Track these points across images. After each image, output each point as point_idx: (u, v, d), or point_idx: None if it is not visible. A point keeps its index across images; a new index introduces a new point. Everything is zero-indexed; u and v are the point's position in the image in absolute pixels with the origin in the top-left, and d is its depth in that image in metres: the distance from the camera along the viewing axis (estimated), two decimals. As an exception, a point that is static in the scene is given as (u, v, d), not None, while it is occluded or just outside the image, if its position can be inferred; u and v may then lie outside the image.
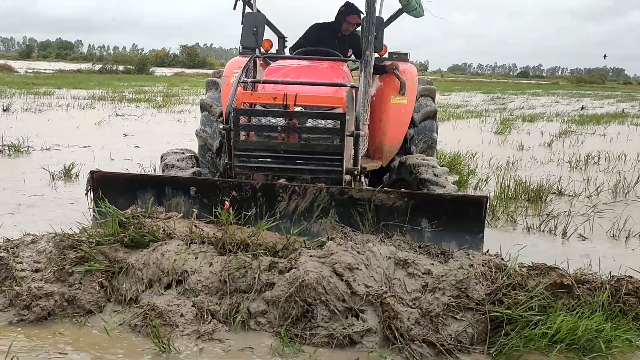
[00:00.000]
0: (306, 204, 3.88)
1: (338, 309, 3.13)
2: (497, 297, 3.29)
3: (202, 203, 3.90)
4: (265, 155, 4.10)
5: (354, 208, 3.87)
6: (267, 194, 3.89)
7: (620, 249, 5.02)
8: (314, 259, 3.28)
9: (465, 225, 3.85)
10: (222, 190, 3.90)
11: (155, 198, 3.95)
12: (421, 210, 3.88)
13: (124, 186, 4.01)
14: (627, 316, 3.33)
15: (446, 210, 3.86)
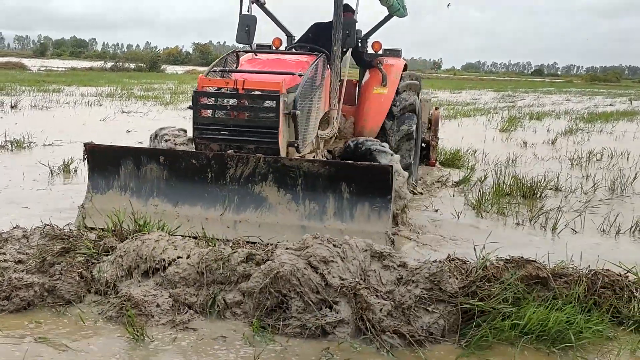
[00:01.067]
0: (249, 171, 4.56)
1: (312, 300, 3.18)
2: (471, 289, 3.32)
3: (172, 170, 4.66)
4: (218, 129, 4.80)
5: (287, 175, 4.51)
6: (219, 162, 4.58)
7: (609, 243, 5.01)
8: (290, 252, 3.33)
9: (376, 189, 4.43)
10: (184, 159, 4.63)
11: (134, 166, 4.69)
12: (341, 177, 4.49)
13: (110, 156, 4.75)
14: (601, 308, 3.35)
15: (360, 177, 4.47)
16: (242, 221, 4.50)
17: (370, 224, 4.41)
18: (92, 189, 4.72)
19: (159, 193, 4.64)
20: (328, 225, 4.41)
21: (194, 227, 4.22)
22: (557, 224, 5.31)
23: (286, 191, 4.55)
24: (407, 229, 5.05)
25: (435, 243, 4.80)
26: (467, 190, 6.78)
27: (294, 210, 4.51)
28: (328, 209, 4.49)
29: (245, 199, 4.55)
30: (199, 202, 4.57)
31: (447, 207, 5.91)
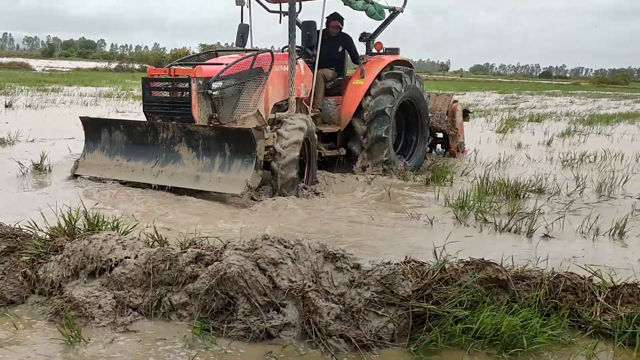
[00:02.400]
0: (171, 135, 6.10)
1: (259, 302, 3.09)
2: (426, 292, 3.23)
3: (129, 135, 6.34)
4: (159, 105, 6.33)
5: (193, 137, 5.99)
6: (153, 128, 6.18)
7: (585, 246, 4.89)
8: (239, 253, 3.25)
9: (244, 148, 5.75)
10: (134, 127, 6.33)
11: (108, 132, 6.43)
12: (224, 139, 5.87)
13: (96, 125, 6.58)
14: (559, 312, 3.24)
15: (235, 138, 5.83)
16: (162, 171, 6.06)
17: (240, 173, 5.73)
18: (86, 149, 6.58)
19: (120, 152, 6.39)
20: (213, 174, 5.85)
21: (135, 176, 6.09)
22: (534, 227, 5.18)
23: (192, 149, 6.04)
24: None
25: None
26: (446, 188, 6.68)
27: (196, 163, 5.97)
28: (216, 163, 5.90)
29: (168, 155, 6.12)
30: (141, 158, 6.23)
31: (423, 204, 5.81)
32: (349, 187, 6.83)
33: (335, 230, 5.03)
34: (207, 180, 5.83)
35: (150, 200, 5.60)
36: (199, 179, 5.85)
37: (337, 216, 5.52)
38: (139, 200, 5.58)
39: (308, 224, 5.21)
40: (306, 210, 5.65)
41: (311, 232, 4.91)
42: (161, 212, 5.25)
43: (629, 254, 4.65)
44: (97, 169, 6.38)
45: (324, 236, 4.76)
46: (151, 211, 5.23)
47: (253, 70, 6.51)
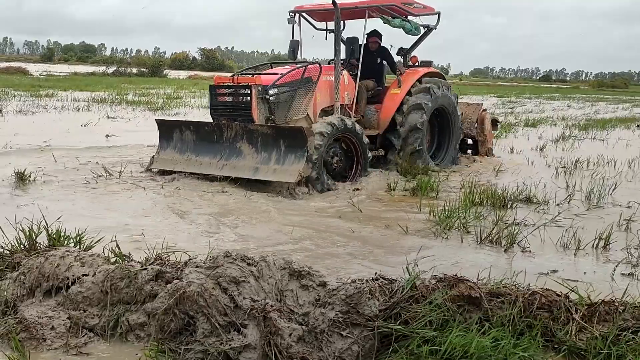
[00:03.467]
0: (234, 133, 7.07)
1: (219, 323, 2.97)
2: (394, 311, 3.11)
3: (197, 135, 7.33)
4: (224, 108, 7.41)
5: (252, 135, 6.93)
6: (219, 128, 7.17)
7: (568, 260, 4.77)
8: (200, 271, 3.13)
9: (297, 144, 6.67)
10: (202, 127, 7.32)
11: (179, 132, 7.43)
12: (280, 136, 6.78)
13: (169, 126, 7.58)
14: (532, 331, 3.12)
15: (289, 136, 6.74)
16: (226, 165, 7.01)
17: (293, 165, 6.63)
18: (160, 147, 7.59)
19: (190, 149, 7.37)
20: (270, 166, 6.77)
21: (203, 169, 7.07)
22: (516, 239, 5.05)
23: (252, 145, 6.96)
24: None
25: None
26: (432, 199, 6.56)
27: (255, 157, 6.90)
28: (272, 157, 6.81)
29: (232, 150, 7.07)
30: (208, 154, 7.18)
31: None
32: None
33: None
34: (265, 171, 6.79)
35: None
36: (257, 170, 6.82)
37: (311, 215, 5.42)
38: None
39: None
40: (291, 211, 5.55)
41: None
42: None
43: (610, 268, 4.52)
44: (169, 164, 7.38)
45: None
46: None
47: (304, 79, 7.55)
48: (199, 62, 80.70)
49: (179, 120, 8.27)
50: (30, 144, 9.07)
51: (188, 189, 6.59)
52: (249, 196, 6.37)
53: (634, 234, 5.40)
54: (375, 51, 8.85)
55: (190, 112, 16.41)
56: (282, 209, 6.01)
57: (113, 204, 5.83)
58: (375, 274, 3.40)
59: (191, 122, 7.62)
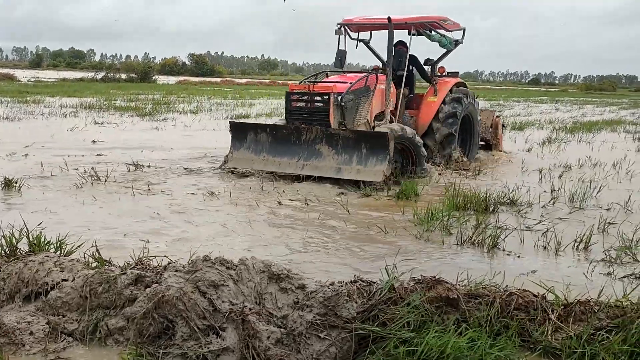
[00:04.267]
0: (313, 136, 7.76)
1: (198, 326, 3.00)
2: (372, 313, 3.14)
3: (274, 137, 7.96)
4: (299, 113, 8.19)
5: (333, 138, 7.66)
6: (297, 131, 7.84)
7: (548, 261, 4.82)
8: (179, 275, 3.15)
9: (379, 147, 7.43)
10: (280, 130, 7.99)
11: (254, 134, 8.07)
12: (361, 139, 7.55)
13: (242, 128, 8.26)
14: (509, 331, 3.16)
15: (372, 140, 7.51)
16: (307, 165, 7.69)
17: (376, 166, 7.39)
18: (233, 147, 8.18)
19: (266, 150, 7.97)
20: (352, 167, 7.50)
21: (282, 168, 7.76)
22: (497, 241, 5.10)
23: (332, 147, 7.67)
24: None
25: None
26: (415, 202, 6.60)
27: (335, 158, 7.61)
28: (354, 158, 7.54)
29: (310, 152, 7.73)
30: (286, 154, 7.83)
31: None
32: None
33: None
34: (348, 172, 7.48)
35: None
36: (340, 171, 7.52)
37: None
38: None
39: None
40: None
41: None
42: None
43: (589, 268, 4.57)
44: (244, 163, 8.03)
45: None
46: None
47: (365, 87, 8.44)
48: (189, 68, 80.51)
49: (253, 123, 9.36)
50: (15, 150, 9.03)
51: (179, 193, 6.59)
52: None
53: (613, 235, 5.46)
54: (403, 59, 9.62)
55: (179, 118, 16.40)
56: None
57: (114, 208, 5.83)
58: (354, 276, 3.43)
59: (267, 125, 8.31)
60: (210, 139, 11.74)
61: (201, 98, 26.25)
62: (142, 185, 6.95)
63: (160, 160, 8.81)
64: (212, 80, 54.63)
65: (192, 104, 22.42)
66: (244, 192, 6.92)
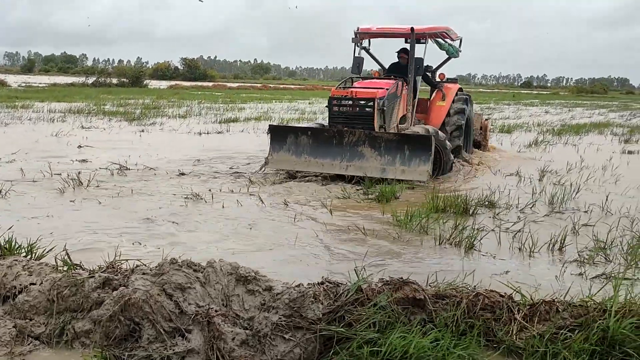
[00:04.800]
0: (355, 139, 8.19)
1: (165, 329, 3.02)
2: (338, 314, 3.17)
3: (314, 139, 8.34)
4: (342, 117, 8.64)
5: (375, 141, 8.12)
6: (339, 134, 8.28)
7: (522, 262, 4.87)
8: (146, 277, 3.17)
9: (422, 149, 7.97)
10: (321, 133, 8.42)
11: (294, 137, 8.39)
12: (404, 142, 8.05)
13: (282, 131, 8.58)
14: (477, 331, 3.20)
15: (414, 142, 8.04)
16: (350, 165, 8.15)
17: (420, 167, 7.93)
18: (272, 150, 8.46)
19: (307, 152, 8.32)
20: (396, 167, 8.03)
21: (326, 169, 8.23)
22: (474, 242, 5.15)
23: (374, 149, 8.12)
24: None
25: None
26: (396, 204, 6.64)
27: (379, 159, 8.10)
28: (397, 159, 8.03)
29: (353, 153, 8.16)
30: (328, 156, 8.22)
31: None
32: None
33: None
34: (393, 172, 8.01)
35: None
36: (385, 171, 8.05)
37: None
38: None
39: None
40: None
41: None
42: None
43: (561, 269, 4.62)
44: (286, 164, 8.43)
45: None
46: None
47: (395, 92, 9.09)
48: (181, 72, 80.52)
49: (293, 126, 9.87)
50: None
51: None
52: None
53: (588, 236, 5.52)
54: (406, 66, 10.04)
55: (167, 122, 16.41)
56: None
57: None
58: (323, 277, 3.46)
59: (308, 128, 8.74)
60: (197, 143, 11.76)
61: (191, 102, 26.27)
62: (125, 189, 6.95)
63: (144, 164, 8.82)
64: (204, 85, 54.59)
65: (182, 108, 22.44)
66: (226, 194, 6.95)
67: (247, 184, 7.71)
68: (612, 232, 5.57)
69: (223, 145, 11.47)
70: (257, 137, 13.35)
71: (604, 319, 3.16)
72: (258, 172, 8.61)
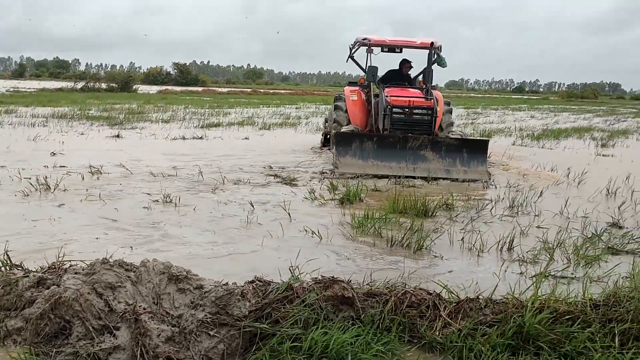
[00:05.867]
0: (419, 143, 9.25)
1: (94, 326, 3.12)
2: (265, 311, 3.28)
3: (379, 144, 9.24)
4: (400, 124, 9.86)
5: (437, 145, 9.26)
6: (403, 140, 9.30)
7: (469, 262, 4.99)
8: (78, 277, 3.27)
9: (479, 151, 9.27)
10: (386, 138, 9.39)
11: (359, 142, 9.21)
12: (462, 145, 9.29)
13: (348, 137, 9.33)
14: (401, 327, 3.31)
15: (472, 145, 9.35)
16: (416, 167, 9.09)
17: (478, 168, 9.16)
18: (338, 155, 9.18)
19: (373, 156, 9.16)
20: (458, 168, 9.13)
21: (395, 171, 8.95)
22: (423, 243, 5.27)
23: (436, 152, 9.22)
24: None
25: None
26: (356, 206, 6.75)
27: (441, 162, 9.18)
28: (457, 161, 9.20)
29: (416, 157, 9.19)
30: (394, 160, 9.13)
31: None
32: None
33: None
34: (457, 172, 9.10)
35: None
36: (449, 172, 9.10)
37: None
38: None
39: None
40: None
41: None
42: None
43: (504, 269, 4.74)
44: (355, 168, 9.06)
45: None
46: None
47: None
48: (173, 77, 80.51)
49: (359, 133, 10.23)
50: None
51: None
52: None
53: (538, 237, 5.64)
54: (407, 75, 11.69)
55: (149, 127, 16.46)
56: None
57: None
58: (255, 277, 3.56)
59: (374, 135, 9.61)
60: (171, 148, 11.83)
61: (178, 107, 26.33)
62: (92, 194, 7.03)
63: (117, 169, 8.89)
64: (194, 90, 54.59)
65: (167, 113, 22.48)
66: (191, 195, 7.04)
67: (212, 188, 7.80)
68: (562, 233, 5.72)
69: (194, 152, 11.56)
70: (230, 142, 13.46)
71: (521, 315, 3.28)
72: (327, 175, 9.02)
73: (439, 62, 10.91)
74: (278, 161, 10.33)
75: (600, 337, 3.18)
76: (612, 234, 5.86)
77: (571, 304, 3.43)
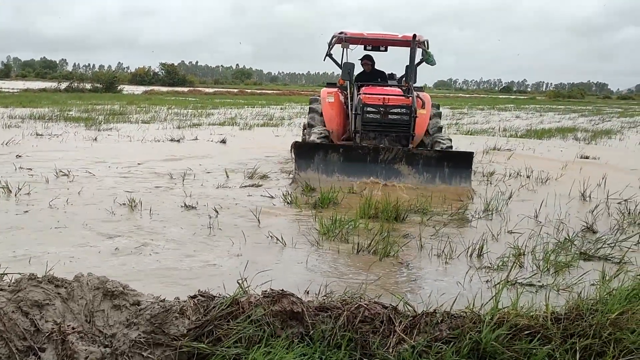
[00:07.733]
0: (392, 156, 8.17)
1: (18, 347, 2.89)
2: (206, 329, 3.07)
3: (346, 157, 8.14)
4: (373, 125, 8.93)
5: (415, 157, 8.13)
6: (374, 151, 8.22)
7: (436, 269, 4.80)
8: (2, 294, 3.04)
9: (462, 165, 8.10)
10: (354, 150, 8.30)
11: (323, 154, 8.12)
12: (443, 159, 8.12)
13: (308, 149, 8.27)
14: (349, 344, 3.12)
15: (454, 158, 8.18)
16: (387, 184, 7.98)
17: (461, 185, 8.02)
18: (298, 169, 8.15)
19: (339, 170, 8.10)
20: (437, 186, 7.94)
21: (362, 188, 7.76)
22: (392, 250, 5.08)
23: (412, 167, 8.12)
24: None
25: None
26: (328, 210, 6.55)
27: (417, 178, 8.11)
28: (437, 177, 8.06)
29: (389, 171, 8.09)
30: (363, 174, 8.05)
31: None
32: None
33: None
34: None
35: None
36: (427, 190, 7.73)
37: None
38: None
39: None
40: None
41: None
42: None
43: (470, 277, 4.56)
44: (316, 183, 7.97)
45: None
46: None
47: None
48: (160, 77, 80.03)
49: (321, 143, 8.77)
50: None
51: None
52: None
53: (510, 243, 5.47)
54: (371, 72, 10.60)
55: (127, 128, 16.17)
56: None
57: None
58: (198, 291, 3.35)
59: (340, 146, 8.51)
60: (145, 150, 11.59)
61: (161, 108, 26.04)
62: (55, 199, 6.78)
63: (84, 172, 8.64)
64: (179, 90, 54.20)
65: (149, 114, 22.21)
66: (155, 196, 6.81)
67: (184, 193, 7.57)
68: (533, 239, 5.55)
69: (173, 152, 11.32)
70: (205, 144, 13.23)
71: (479, 330, 3.09)
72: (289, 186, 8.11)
73: (427, 59, 10.05)
74: (254, 161, 10.10)
75: (561, 353, 3.00)
76: (585, 238, 5.70)
77: (532, 317, 3.24)
